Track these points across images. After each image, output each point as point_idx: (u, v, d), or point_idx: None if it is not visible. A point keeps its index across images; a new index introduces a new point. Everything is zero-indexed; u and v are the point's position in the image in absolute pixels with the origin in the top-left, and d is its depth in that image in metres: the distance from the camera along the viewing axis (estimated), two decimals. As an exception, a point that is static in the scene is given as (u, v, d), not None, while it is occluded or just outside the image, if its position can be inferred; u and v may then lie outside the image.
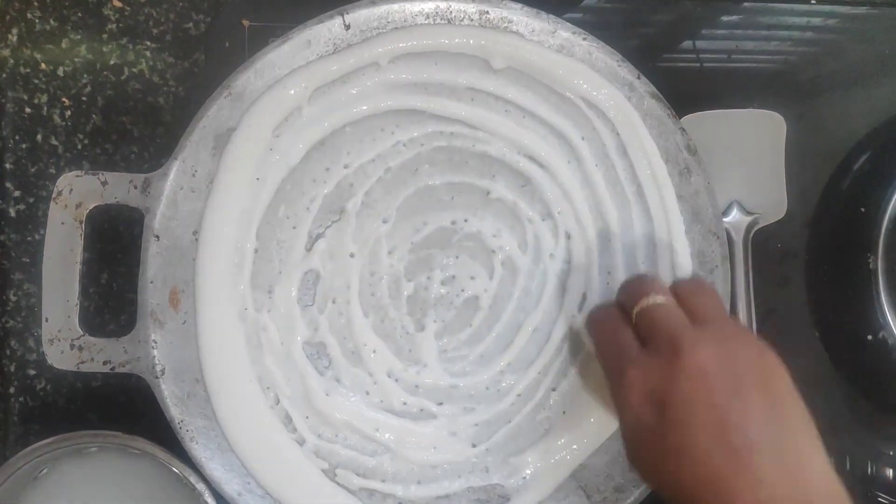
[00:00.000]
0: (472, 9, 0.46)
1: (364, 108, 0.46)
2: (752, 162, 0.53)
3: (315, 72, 0.45)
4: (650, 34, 0.57)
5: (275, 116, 0.45)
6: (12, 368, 0.51)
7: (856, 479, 0.56)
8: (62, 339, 0.43)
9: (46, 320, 0.43)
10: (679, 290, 0.40)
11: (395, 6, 0.46)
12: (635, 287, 0.41)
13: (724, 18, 0.57)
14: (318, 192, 0.46)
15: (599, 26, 0.53)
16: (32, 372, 0.52)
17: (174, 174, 0.44)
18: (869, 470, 0.56)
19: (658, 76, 0.47)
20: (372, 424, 0.45)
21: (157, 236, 0.44)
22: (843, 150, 0.56)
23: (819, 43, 0.58)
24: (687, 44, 0.57)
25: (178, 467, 0.43)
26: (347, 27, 0.46)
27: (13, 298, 0.52)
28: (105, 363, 0.44)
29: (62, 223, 0.44)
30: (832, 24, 0.58)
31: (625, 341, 0.39)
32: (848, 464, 0.55)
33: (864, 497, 0.56)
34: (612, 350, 0.40)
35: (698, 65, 0.57)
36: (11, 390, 0.51)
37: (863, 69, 0.58)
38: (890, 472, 0.56)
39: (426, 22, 0.46)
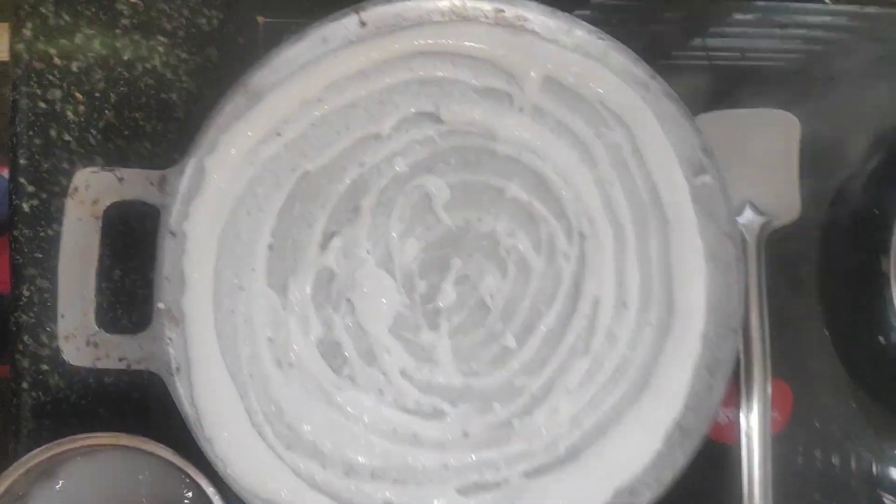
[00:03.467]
0: (487, 6, 0.46)
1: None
2: (765, 162, 0.53)
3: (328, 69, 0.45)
4: (660, 32, 0.57)
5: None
6: (25, 364, 0.52)
7: (861, 480, 0.56)
8: (78, 335, 0.44)
9: (62, 317, 0.43)
10: None
11: (411, 4, 0.46)
12: None
13: (738, 17, 0.57)
14: (333, 189, 0.46)
15: (608, 24, 0.53)
16: (45, 367, 0.52)
17: (190, 171, 0.44)
18: (874, 470, 0.56)
19: (668, 75, 0.47)
20: (389, 424, 0.45)
21: (173, 233, 0.44)
22: (857, 150, 0.56)
23: (833, 42, 0.58)
24: (697, 42, 0.57)
25: (192, 472, 0.43)
26: (363, 24, 0.45)
27: (26, 294, 0.52)
28: (121, 360, 0.44)
29: (79, 219, 0.44)
30: (846, 23, 0.58)
31: None
32: (853, 464, 0.56)
33: (870, 497, 0.56)
34: None
35: (708, 63, 0.57)
36: (24, 385, 0.52)
37: (877, 69, 0.57)
38: (895, 474, 0.56)
39: (441, 20, 0.46)
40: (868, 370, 0.55)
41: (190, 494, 0.45)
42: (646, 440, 0.45)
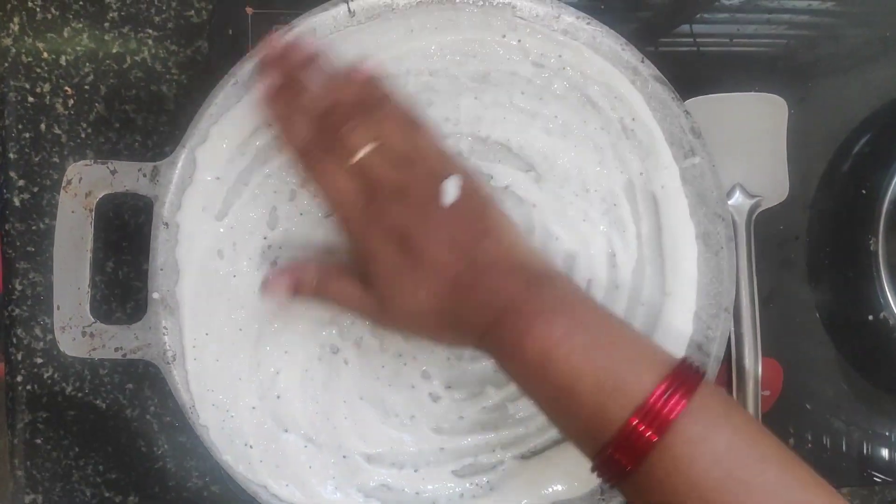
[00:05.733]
0: (476, -6, 0.46)
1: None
2: (753, 145, 0.54)
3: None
4: (648, 18, 0.57)
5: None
6: (19, 357, 0.52)
7: (852, 459, 0.56)
8: (74, 326, 0.44)
9: (58, 308, 0.44)
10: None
11: (399, -8, 0.46)
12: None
13: (726, 2, 0.57)
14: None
15: (597, 10, 0.53)
16: (39, 360, 0.52)
17: (183, 162, 0.44)
18: (865, 450, 0.57)
19: (656, 61, 0.47)
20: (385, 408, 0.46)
21: (166, 224, 0.44)
22: (844, 132, 0.57)
23: (819, 26, 0.58)
24: (684, 28, 0.57)
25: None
26: (352, 14, 0.46)
27: (19, 287, 0.52)
28: (117, 350, 0.44)
29: (72, 212, 0.44)
30: (832, 8, 0.58)
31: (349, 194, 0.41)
32: (844, 444, 0.56)
33: (860, 477, 0.57)
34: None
35: (696, 49, 0.57)
36: (19, 378, 0.52)
37: (863, 52, 0.58)
38: (885, 453, 0.56)
39: (430, 7, 0.46)
40: (858, 349, 0.56)
41: None
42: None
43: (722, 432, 0.35)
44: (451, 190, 0.40)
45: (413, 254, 0.40)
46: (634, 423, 0.35)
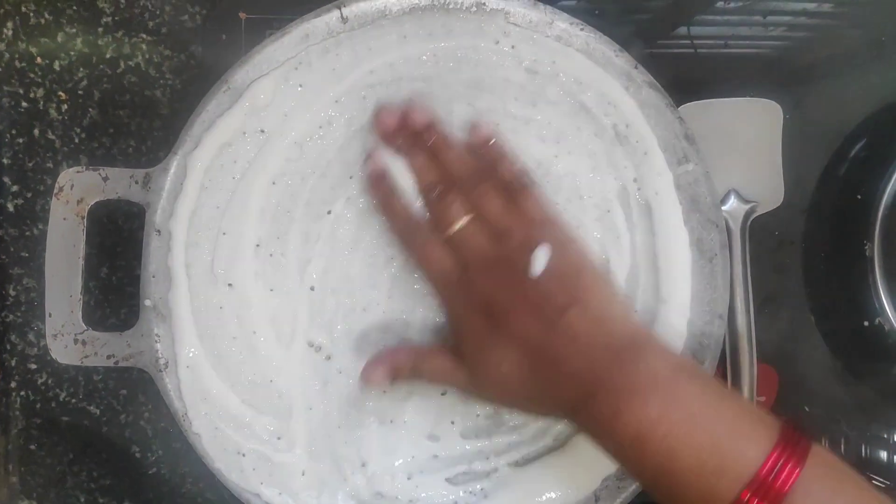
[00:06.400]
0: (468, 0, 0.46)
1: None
2: (749, 150, 0.54)
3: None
4: (644, 20, 0.57)
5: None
6: (13, 363, 0.52)
7: (850, 462, 0.56)
8: (66, 333, 0.44)
9: (50, 315, 0.44)
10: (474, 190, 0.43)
11: (392, -1, 0.46)
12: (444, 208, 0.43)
13: (721, 5, 0.57)
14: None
15: (593, 13, 0.53)
16: (33, 366, 0.52)
17: (175, 169, 0.44)
18: (863, 453, 0.56)
19: (653, 63, 0.47)
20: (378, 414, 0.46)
21: (159, 231, 0.44)
22: (840, 137, 0.56)
23: (815, 29, 0.58)
24: (682, 30, 0.57)
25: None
26: (345, 20, 0.45)
27: (13, 293, 0.52)
28: (109, 357, 0.44)
29: (64, 219, 0.44)
30: (828, 11, 0.58)
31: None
32: (843, 447, 0.56)
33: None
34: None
35: (693, 51, 0.57)
36: (13, 385, 0.52)
37: (859, 56, 0.58)
38: (884, 455, 0.56)
39: (423, 13, 0.46)
40: (853, 354, 0.55)
41: None
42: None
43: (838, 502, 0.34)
44: (539, 260, 0.40)
45: (497, 324, 0.40)
46: (746, 497, 0.33)
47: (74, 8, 0.52)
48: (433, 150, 0.44)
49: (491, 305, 0.41)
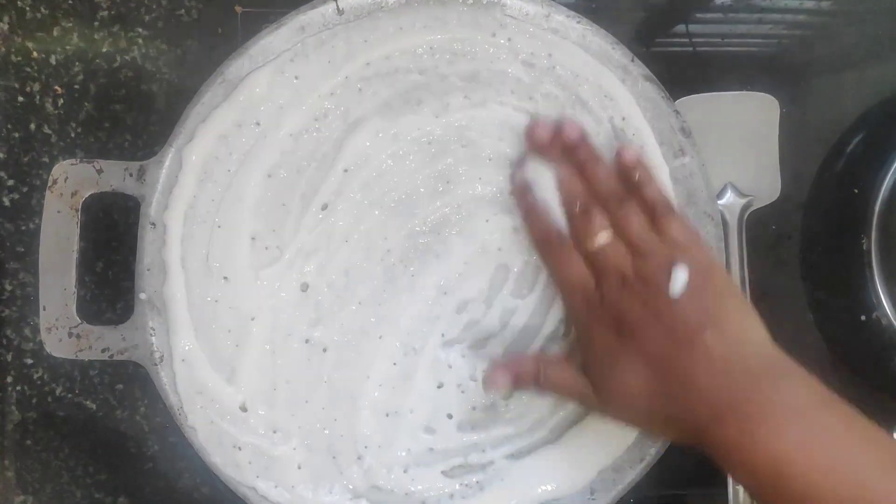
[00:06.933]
0: (466, -7, 0.46)
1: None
2: (746, 144, 0.54)
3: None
4: (643, 18, 0.57)
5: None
6: (9, 358, 0.51)
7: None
8: (60, 327, 0.44)
9: (44, 309, 0.43)
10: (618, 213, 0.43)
11: (388, -9, 0.46)
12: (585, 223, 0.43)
13: (718, 2, 0.57)
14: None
15: (592, 10, 0.53)
16: (29, 361, 0.52)
17: (169, 161, 0.44)
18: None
19: (651, 60, 0.47)
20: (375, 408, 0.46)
21: (153, 224, 0.44)
22: (837, 131, 0.56)
23: (812, 26, 0.58)
24: (680, 28, 0.57)
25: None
26: (341, 12, 0.45)
27: (8, 288, 0.51)
28: (103, 351, 0.44)
29: (58, 212, 0.44)
30: (825, 7, 0.58)
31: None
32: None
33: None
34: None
35: (691, 49, 0.57)
36: (9, 379, 0.52)
37: (855, 51, 0.58)
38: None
39: (419, 5, 0.46)
40: (851, 348, 0.55)
41: None
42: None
43: None
44: (679, 281, 0.40)
45: (627, 338, 0.40)
46: None
47: (70, 2, 0.52)
48: (581, 165, 0.44)
49: (622, 322, 0.41)
